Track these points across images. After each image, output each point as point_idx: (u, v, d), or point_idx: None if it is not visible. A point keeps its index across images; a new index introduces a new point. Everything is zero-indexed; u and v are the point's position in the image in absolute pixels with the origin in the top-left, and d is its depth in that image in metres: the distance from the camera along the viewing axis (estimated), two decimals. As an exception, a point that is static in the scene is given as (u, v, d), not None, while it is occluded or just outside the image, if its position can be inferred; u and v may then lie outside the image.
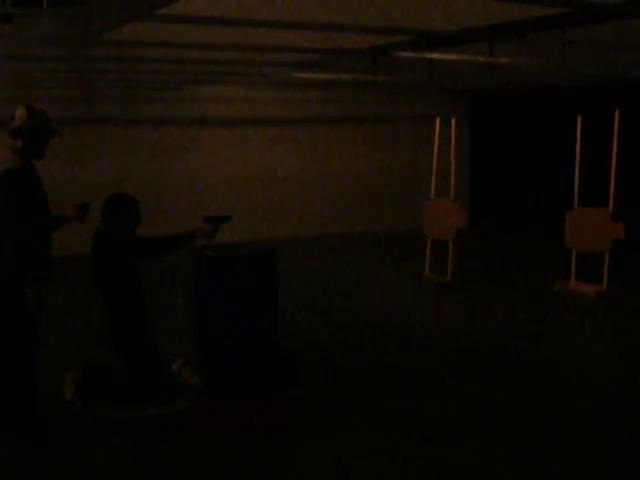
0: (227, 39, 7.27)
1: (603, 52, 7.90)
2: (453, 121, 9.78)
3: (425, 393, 5.68)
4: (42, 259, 4.65)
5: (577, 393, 5.67)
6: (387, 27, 6.12)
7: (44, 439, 4.80)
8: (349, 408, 5.38)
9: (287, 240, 13.33)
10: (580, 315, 7.98)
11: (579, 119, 9.13)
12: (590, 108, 11.59)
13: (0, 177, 4.53)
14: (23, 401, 4.76)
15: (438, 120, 9.96)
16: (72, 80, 10.02)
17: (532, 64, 8.18)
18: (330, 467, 4.47)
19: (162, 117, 12.51)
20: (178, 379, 5.40)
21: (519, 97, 14.10)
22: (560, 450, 4.67)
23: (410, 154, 14.71)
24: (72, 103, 11.70)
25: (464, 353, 6.66)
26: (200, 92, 12.76)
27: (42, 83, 10.23)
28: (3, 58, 7.30)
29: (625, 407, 5.37)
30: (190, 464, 4.52)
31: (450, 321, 7.75)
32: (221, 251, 5.14)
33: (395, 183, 14.69)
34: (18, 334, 4.68)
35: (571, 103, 12.65)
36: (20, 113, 4.69)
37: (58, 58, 7.08)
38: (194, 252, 5.09)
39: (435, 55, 7.18)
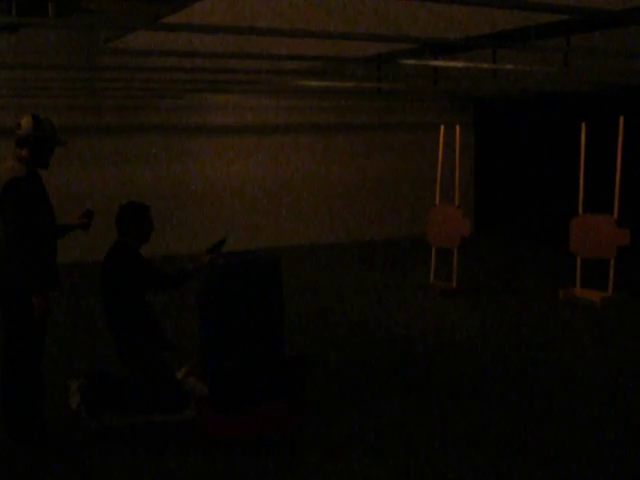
0: (232, 47, 7.31)
1: (607, 59, 7.91)
2: (457, 128, 9.79)
3: (430, 399, 5.67)
4: (48, 267, 4.67)
5: (583, 399, 5.66)
6: (391, 35, 6.14)
7: (48, 445, 4.81)
8: (354, 414, 5.38)
9: (291, 247, 13.34)
10: (586, 322, 7.97)
11: (583, 126, 9.13)
12: (594, 115, 11.60)
13: (6, 185, 4.56)
14: (29, 407, 4.77)
15: (442, 127, 9.97)
16: (78, 89, 10.07)
17: (536, 71, 8.19)
18: (336, 474, 4.46)
19: (167, 125, 12.55)
20: (183, 387, 5.40)
21: (523, 104, 14.11)
22: (564, 456, 4.66)
23: (415, 161, 14.72)
24: (78, 112, 11.74)
25: (469, 359, 6.66)
26: (205, 100, 12.80)
27: (48, 92, 10.28)
28: (9, 67, 7.34)
29: (631, 413, 5.36)
30: (195, 472, 4.52)
31: (455, 328, 7.75)
32: (227, 259, 5.15)
33: (399, 190, 14.70)
34: (24, 341, 4.70)
35: (575, 110, 12.66)
36: (26, 122, 4.72)
37: (63, 67, 7.12)
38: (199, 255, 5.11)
39: (439, 62, 7.20)
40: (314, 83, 9.23)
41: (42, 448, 4.78)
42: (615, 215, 8.65)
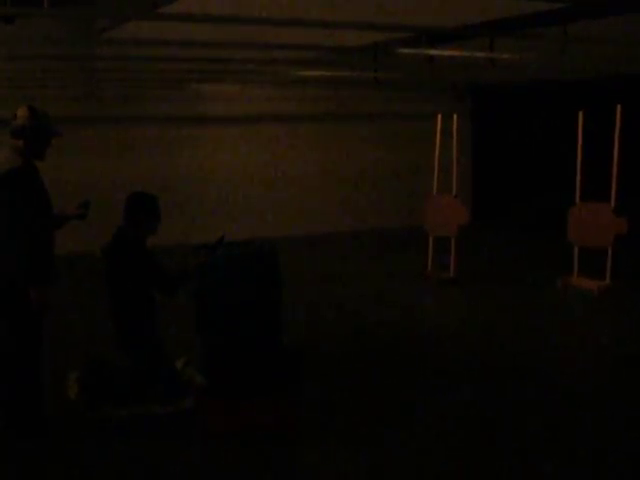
0: (228, 37, 7.27)
1: (604, 47, 7.88)
2: (455, 117, 9.78)
3: (428, 390, 5.68)
4: (45, 258, 4.66)
5: (581, 387, 5.67)
6: (388, 24, 6.12)
7: (47, 438, 4.82)
8: (351, 406, 5.39)
9: (288, 238, 13.33)
10: (584, 310, 7.98)
11: (580, 114, 9.12)
12: (591, 103, 11.57)
13: (2, 177, 4.55)
14: (28, 400, 4.78)
15: (440, 116, 9.95)
16: (74, 79, 10.02)
17: (533, 59, 8.17)
18: (332, 466, 4.48)
19: (163, 115, 12.51)
20: (181, 378, 5.41)
21: (520, 93, 14.08)
22: (560, 448, 4.68)
23: (412, 151, 14.69)
24: (74, 102, 11.70)
25: (468, 348, 6.67)
26: (201, 90, 12.76)
27: (44, 82, 10.24)
28: (5, 58, 7.31)
29: (628, 402, 5.38)
30: (193, 463, 4.53)
31: (453, 316, 7.76)
32: (223, 250, 5.15)
33: (397, 180, 14.67)
34: (22, 334, 4.70)
35: (572, 98, 12.63)
36: (22, 113, 4.70)
37: (60, 57, 7.09)
38: (196, 251, 5.10)
39: (436, 51, 7.18)
40: (310, 73, 9.19)
41: (42, 441, 4.79)
42: (612, 203, 8.65)
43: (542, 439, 4.77)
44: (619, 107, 8.76)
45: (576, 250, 9.07)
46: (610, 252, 8.68)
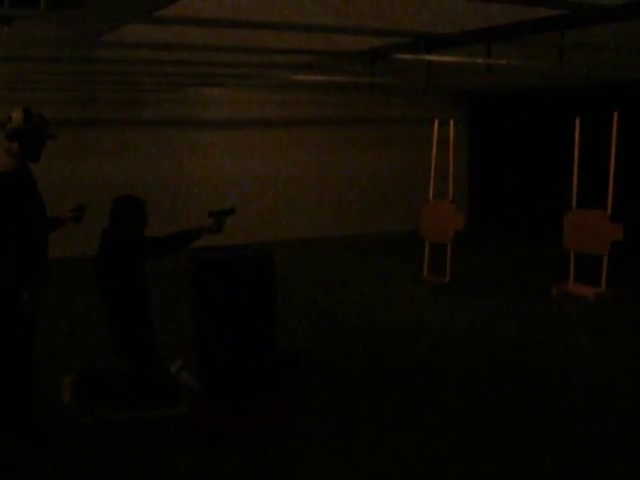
0: (226, 41, 7.26)
1: (601, 54, 7.89)
2: (451, 123, 9.77)
3: (423, 394, 5.67)
4: (39, 261, 4.64)
5: (575, 394, 5.66)
6: (385, 29, 6.11)
7: (43, 441, 4.79)
8: (347, 410, 5.37)
9: (285, 242, 13.32)
10: (579, 317, 7.97)
11: (577, 121, 9.12)
12: (588, 110, 11.58)
13: (-3, 179, 4.53)
14: (21, 403, 4.75)
15: (436, 122, 9.95)
16: (70, 82, 10.00)
17: (530, 66, 8.18)
18: (329, 469, 4.46)
19: (161, 119, 12.50)
20: (177, 381, 5.38)
21: (517, 99, 14.09)
22: (555, 452, 4.67)
23: (408, 156, 14.69)
24: (70, 105, 11.68)
25: (462, 354, 6.66)
26: (199, 94, 12.75)
27: (40, 85, 10.21)
28: (2, 60, 7.29)
29: (624, 408, 5.37)
30: (189, 467, 4.51)
31: (448, 322, 7.74)
32: (219, 253, 5.13)
33: (393, 185, 14.67)
34: (16, 336, 4.67)
35: (569, 105, 12.64)
36: (17, 115, 4.69)
37: (56, 60, 7.07)
38: (191, 254, 5.09)
39: (433, 57, 7.18)
40: (307, 77, 9.18)
41: (37, 445, 4.76)
42: (608, 210, 8.65)
43: (540, 443, 4.76)
44: (616, 114, 8.76)
45: (572, 256, 9.07)
46: (606, 259, 8.67)
